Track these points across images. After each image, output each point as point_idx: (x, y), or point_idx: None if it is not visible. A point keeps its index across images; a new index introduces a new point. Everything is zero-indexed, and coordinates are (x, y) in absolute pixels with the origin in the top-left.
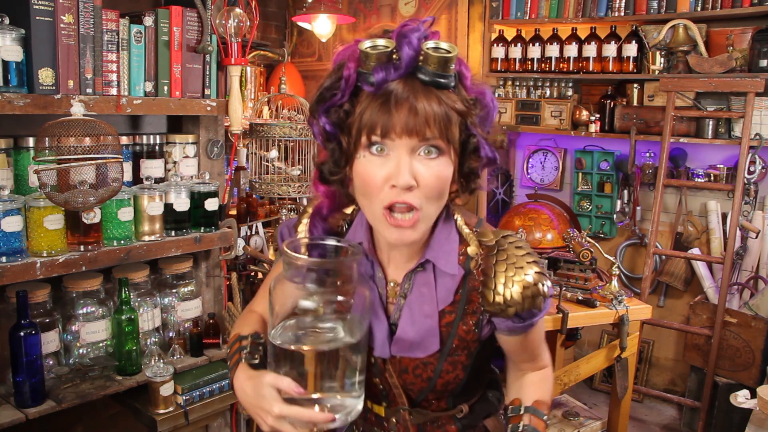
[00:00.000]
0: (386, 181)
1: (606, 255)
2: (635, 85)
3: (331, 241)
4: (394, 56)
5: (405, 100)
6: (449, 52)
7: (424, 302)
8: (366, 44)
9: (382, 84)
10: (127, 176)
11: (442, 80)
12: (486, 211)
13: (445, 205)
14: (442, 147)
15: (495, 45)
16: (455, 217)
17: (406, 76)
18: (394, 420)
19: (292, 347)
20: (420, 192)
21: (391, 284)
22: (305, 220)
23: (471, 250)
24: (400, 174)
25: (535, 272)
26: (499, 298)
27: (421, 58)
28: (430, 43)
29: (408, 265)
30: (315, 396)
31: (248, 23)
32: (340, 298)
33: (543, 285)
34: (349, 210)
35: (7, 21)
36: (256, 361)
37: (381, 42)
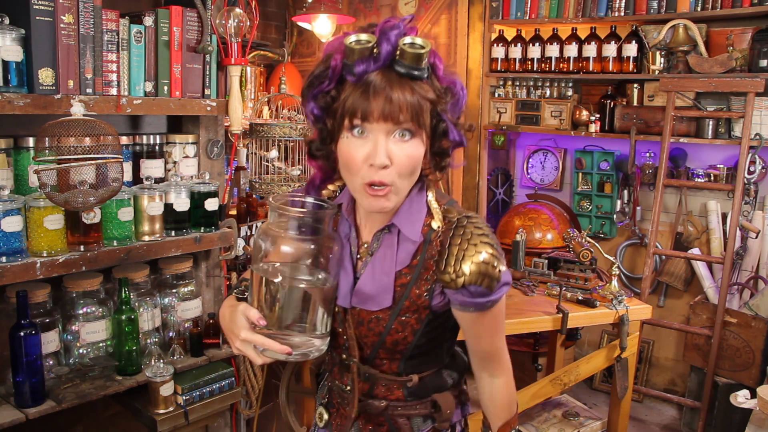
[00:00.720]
0: (365, 160)
1: (606, 255)
2: (635, 85)
3: (311, 199)
4: (375, 50)
5: (382, 90)
6: (423, 47)
7: (385, 261)
8: (351, 39)
9: (363, 75)
10: (127, 176)
11: (416, 72)
12: (486, 210)
13: (418, 180)
14: (413, 130)
15: (495, 45)
16: (428, 193)
17: (384, 68)
18: (349, 374)
19: (266, 277)
20: (394, 169)
21: (364, 245)
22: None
23: (434, 223)
24: (377, 154)
25: (489, 252)
26: (449, 269)
27: (398, 53)
28: (407, 39)
29: (376, 227)
30: (281, 331)
31: (248, 23)
32: (312, 246)
33: (495, 267)
34: (341, 183)
35: (7, 21)
36: (244, 297)
37: (364, 37)
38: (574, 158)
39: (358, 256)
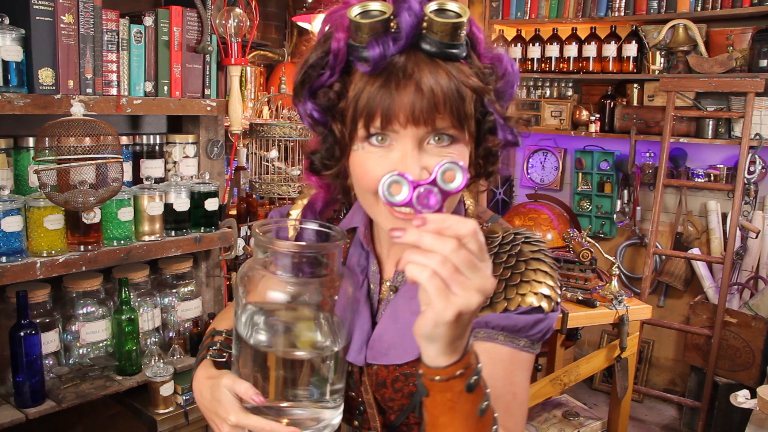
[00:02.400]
0: None
1: (606, 255)
2: (635, 85)
3: (312, 225)
4: (392, 24)
5: (409, 80)
6: (459, 15)
7: (412, 298)
8: (355, 10)
9: (380, 62)
10: (127, 176)
11: (453, 50)
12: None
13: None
14: (456, 134)
15: (495, 45)
16: (466, 203)
17: (408, 48)
18: None
19: (259, 346)
20: None
21: (387, 283)
22: (296, 211)
23: None
24: (407, 170)
25: (550, 285)
26: (500, 295)
27: (424, 25)
28: (433, 5)
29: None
30: (282, 405)
31: (248, 23)
32: (318, 290)
33: (551, 301)
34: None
35: (7, 21)
36: (224, 360)
37: (375, 6)
38: (574, 158)
39: (379, 297)
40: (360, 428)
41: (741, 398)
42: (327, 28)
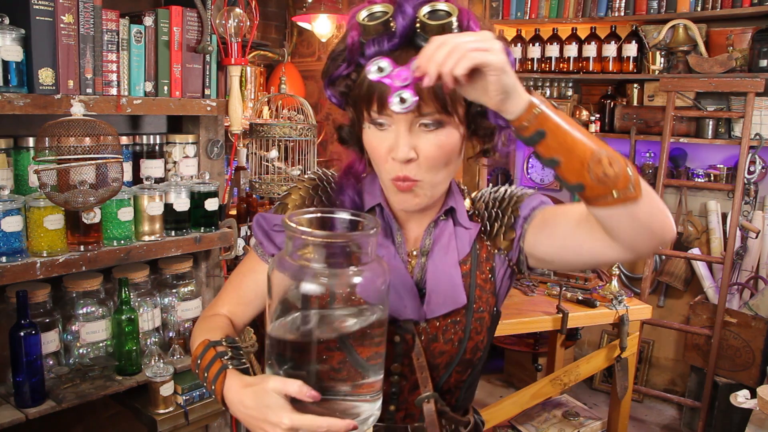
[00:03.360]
0: (388, 153)
1: None
2: (635, 85)
3: (344, 214)
4: (391, 24)
5: None
6: (448, 14)
7: (447, 253)
8: (362, 15)
9: (374, 57)
10: (127, 176)
11: None
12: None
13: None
14: (441, 119)
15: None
16: (461, 187)
17: (404, 45)
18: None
19: (299, 341)
20: (422, 163)
21: (414, 252)
22: (288, 200)
23: (467, 203)
24: (398, 148)
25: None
26: (505, 240)
27: (417, 25)
28: (426, 8)
29: (427, 219)
30: (329, 399)
31: (248, 23)
32: (356, 279)
33: (528, 199)
34: None
35: (7, 21)
36: (246, 366)
37: (378, 9)
38: None
39: (409, 259)
40: (397, 411)
41: (741, 398)
42: (348, 26)
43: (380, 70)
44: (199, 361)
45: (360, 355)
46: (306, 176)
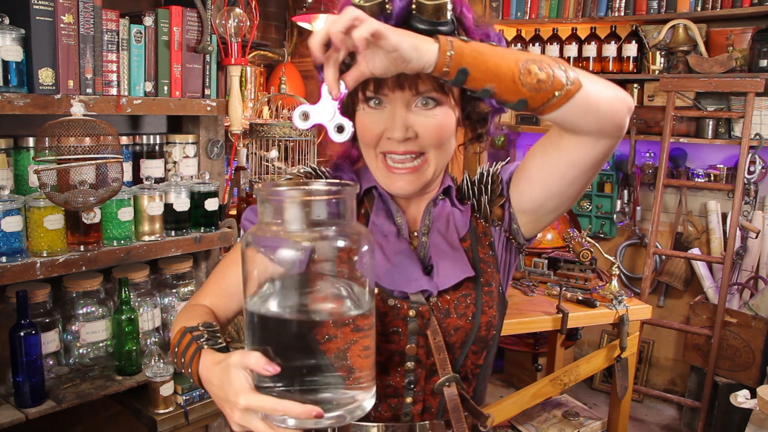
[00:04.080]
0: (383, 133)
1: (606, 255)
2: (635, 85)
3: (320, 184)
4: (387, 6)
5: None
6: None
7: (447, 230)
8: None
9: None
10: (127, 176)
11: (439, 27)
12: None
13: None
14: (438, 98)
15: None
16: (452, 176)
17: (399, 25)
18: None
19: (271, 316)
20: (424, 140)
21: (415, 233)
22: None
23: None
24: (394, 128)
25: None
26: (496, 209)
27: (413, 7)
28: None
29: (424, 201)
30: (302, 384)
31: (248, 23)
32: (339, 243)
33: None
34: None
35: (7, 21)
36: (222, 345)
37: None
38: None
39: (411, 241)
40: (414, 403)
41: (741, 398)
42: (340, 10)
43: (305, 116)
44: (176, 349)
45: (344, 336)
46: (300, 170)
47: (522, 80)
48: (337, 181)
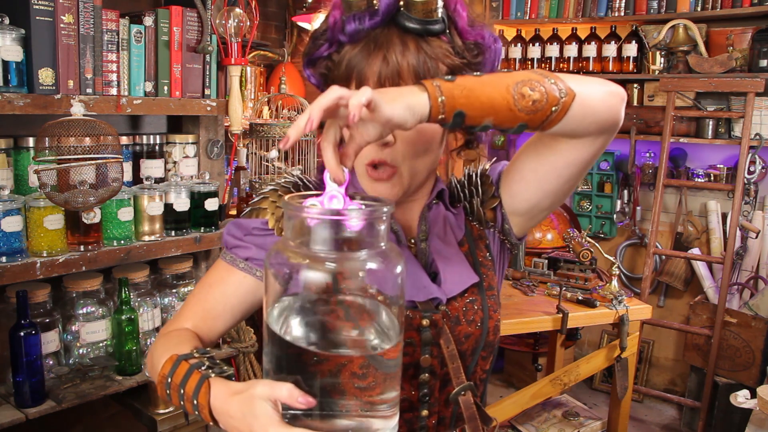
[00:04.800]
0: None
1: (606, 255)
2: (635, 85)
3: (354, 200)
4: (375, 2)
5: (378, 50)
6: None
7: (445, 236)
8: None
9: (355, 35)
10: (127, 176)
11: (429, 26)
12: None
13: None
14: None
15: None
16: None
17: (387, 22)
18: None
19: (298, 344)
20: (398, 147)
21: (412, 240)
22: (268, 214)
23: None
24: None
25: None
26: (489, 211)
27: (401, 3)
28: None
29: (417, 206)
30: (329, 414)
31: (248, 23)
32: (370, 265)
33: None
34: None
35: (7, 21)
36: (229, 373)
37: None
38: None
39: (409, 246)
40: (429, 416)
41: (741, 398)
42: (330, 6)
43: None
44: (169, 380)
45: (372, 360)
46: (282, 179)
47: (518, 106)
48: (372, 199)
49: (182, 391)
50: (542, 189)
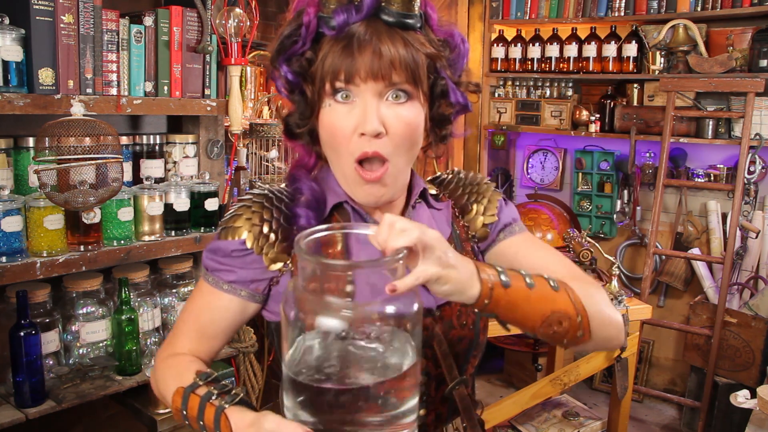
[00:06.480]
0: (354, 130)
1: (606, 255)
2: (635, 85)
3: (365, 230)
4: None
5: (368, 43)
6: None
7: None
8: None
9: (344, 27)
10: (127, 176)
11: (408, 20)
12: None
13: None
14: (410, 91)
15: (495, 45)
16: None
17: (368, 18)
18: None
19: (317, 385)
20: (389, 140)
21: None
22: (245, 233)
23: (431, 190)
24: (367, 120)
25: (495, 188)
26: (480, 209)
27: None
28: None
29: (397, 208)
30: None
31: (248, 23)
32: (389, 310)
33: (504, 202)
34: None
35: (7, 21)
36: (239, 396)
37: None
38: (574, 158)
39: None
40: (427, 415)
41: (741, 398)
42: (299, 6)
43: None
44: (185, 412)
45: (394, 396)
46: (252, 192)
47: (540, 330)
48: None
49: (201, 422)
50: None
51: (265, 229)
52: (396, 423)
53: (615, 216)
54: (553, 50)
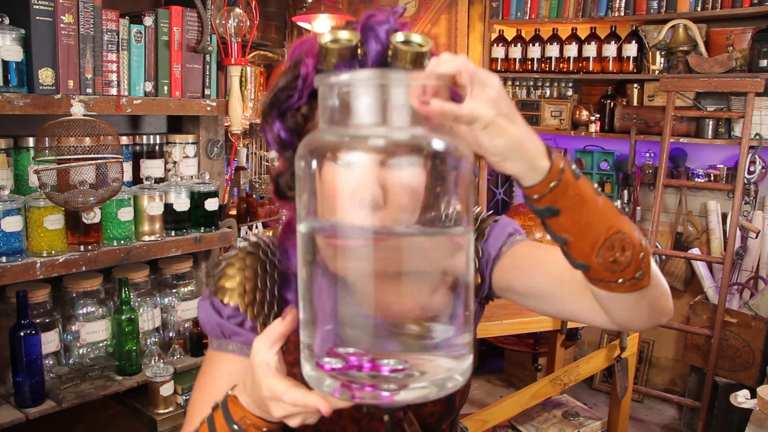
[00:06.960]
0: (354, 195)
1: None
2: (635, 85)
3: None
4: (359, 51)
5: None
6: (422, 45)
7: None
8: (326, 38)
9: None
10: (127, 176)
11: None
12: (486, 211)
13: None
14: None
15: (495, 45)
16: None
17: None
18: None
19: (342, 270)
20: (389, 213)
21: None
22: (236, 297)
23: None
24: (366, 186)
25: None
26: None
27: (390, 53)
28: (400, 36)
29: None
30: (377, 351)
31: (248, 23)
32: (436, 145)
33: (495, 224)
34: None
35: (7, 21)
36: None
37: (343, 35)
38: (574, 158)
39: None
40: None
41: (741, 398)
42: (296, 56)
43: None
44: None
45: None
46: (239, 246)
47: (600, 252)
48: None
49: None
50: (537, 305)
51: (258, 296)
52: (451, 334)
53: None
54: (553, 50)
